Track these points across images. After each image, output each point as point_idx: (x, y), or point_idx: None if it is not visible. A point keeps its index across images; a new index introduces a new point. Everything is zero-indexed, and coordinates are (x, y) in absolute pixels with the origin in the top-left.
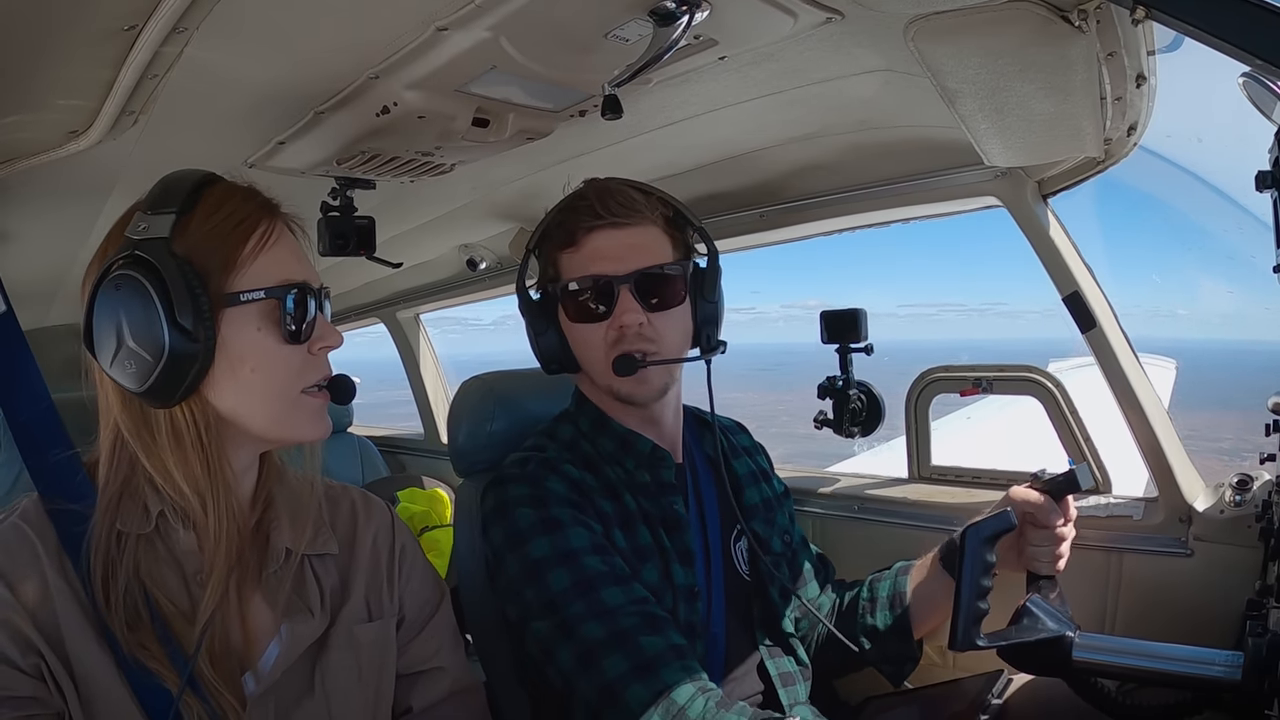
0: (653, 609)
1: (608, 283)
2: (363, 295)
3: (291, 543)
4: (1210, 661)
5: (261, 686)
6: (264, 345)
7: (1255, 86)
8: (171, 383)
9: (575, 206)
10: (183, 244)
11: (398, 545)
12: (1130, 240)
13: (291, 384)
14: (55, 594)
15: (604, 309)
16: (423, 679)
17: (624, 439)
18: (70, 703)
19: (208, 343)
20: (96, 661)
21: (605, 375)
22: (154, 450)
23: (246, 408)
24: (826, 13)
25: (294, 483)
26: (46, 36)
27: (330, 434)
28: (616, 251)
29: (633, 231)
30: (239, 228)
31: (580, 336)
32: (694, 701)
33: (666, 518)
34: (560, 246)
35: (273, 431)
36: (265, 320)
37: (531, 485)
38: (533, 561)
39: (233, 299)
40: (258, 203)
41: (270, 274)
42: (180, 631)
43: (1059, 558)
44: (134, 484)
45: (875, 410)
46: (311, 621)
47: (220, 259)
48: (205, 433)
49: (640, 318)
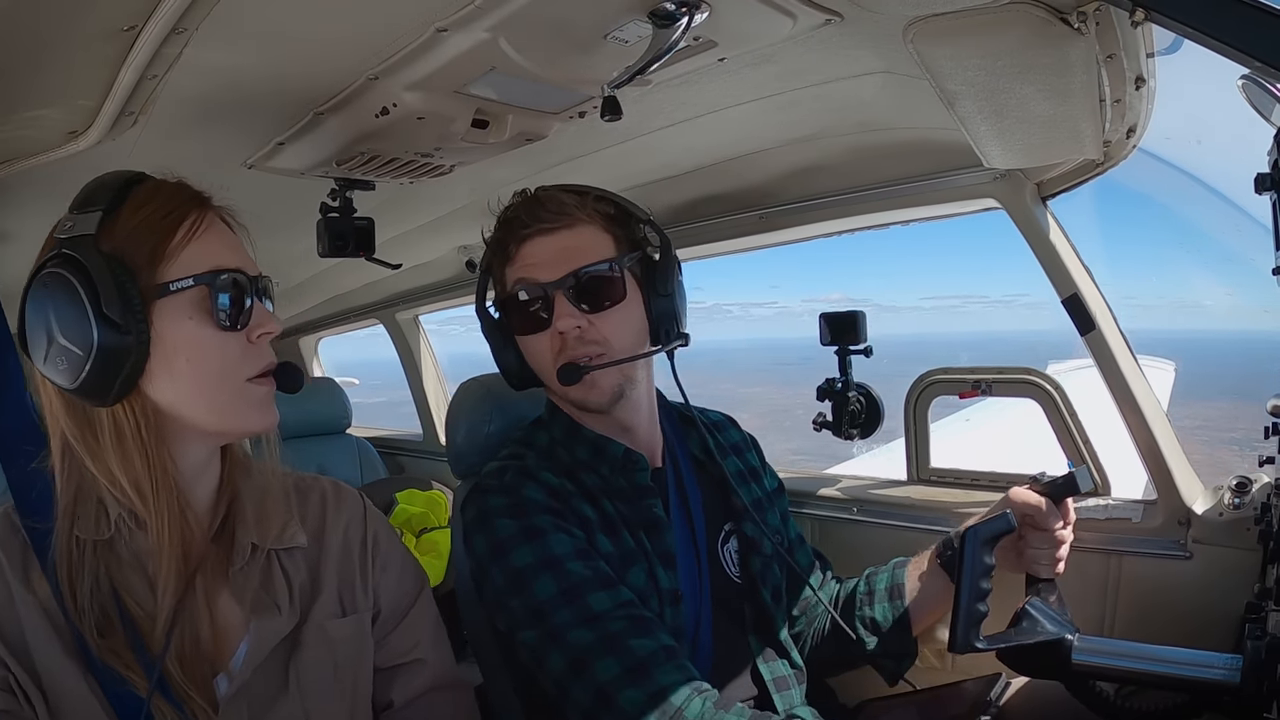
0: (640, 611)
1: (541, 289)
2: (362, 296)
3: (257, 538)
4: (1209, 664)
5: (234, 687)
6: (198, 334)
7: (1254, 89)
8: (105, 378)
9: (507, 219)
10: (110, 240)
11: (369, 536)
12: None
13: (231, 373)
14: (20, 605)
15: (545, 317)
16: (402, 672)
17: (595, 445)
18: (40, 713)
19: (140, 336)
20: (65, 672)
21: (555, 385)
22: (99, 453)
23: (186, 400)
24: (825, 14)
25: (259, 476)
26: (45, 37)
27: (276, 423)
28: (548, 257)
29: (564, 235)
30: (167, 219)
31: (529, 348)
32: (690, 702)
33: (646, 521)
34: (500, 262)
35: (216, 423)
36: (197, 309)
37: (509, 495)
38: (516, 571)
39: (162, 289)
40: (187, 195)
41: (200, 262)
42: (148, 634)
43: (1058, 560)
44: (86, 490)
45: (874, 412)
46: (279, 618)
47: (148, 251)
48: (145, 429)
49: (577, 321)
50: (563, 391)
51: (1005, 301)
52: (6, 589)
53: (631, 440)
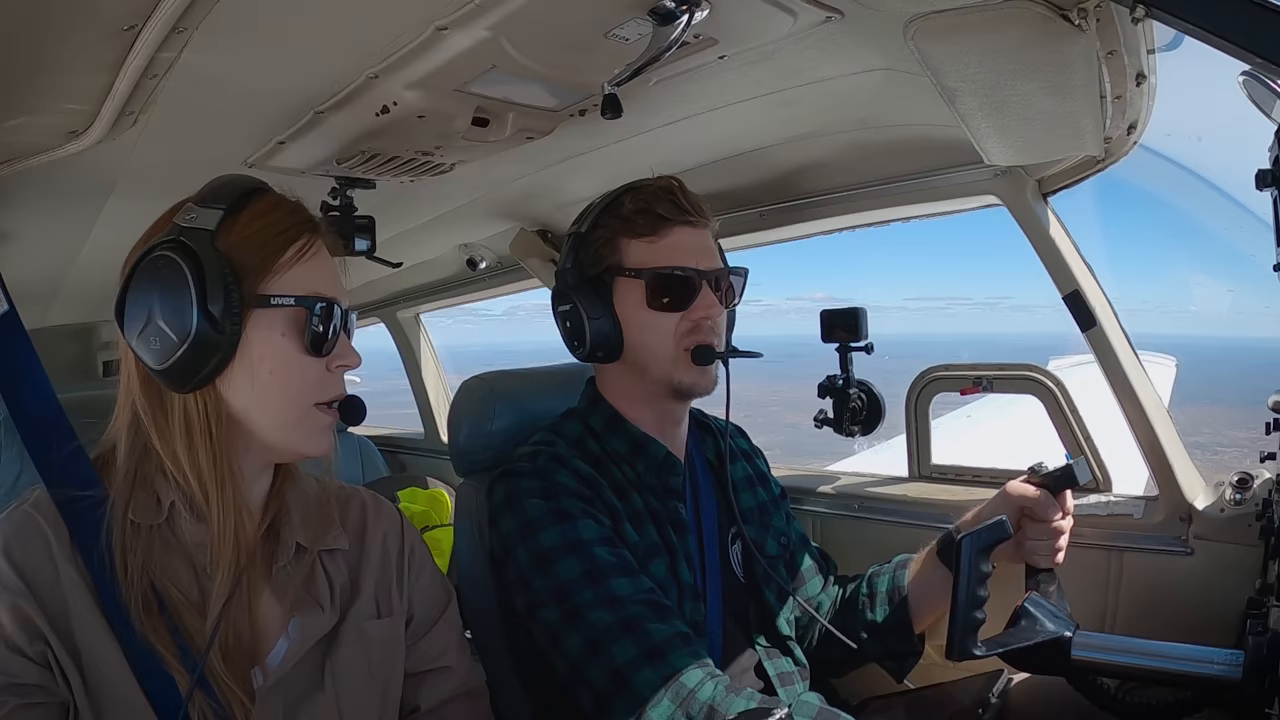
0: (659, 598)
1: (697, 276)
2: (363, 295)
3: (303, 538)
4: (1210, 660)
5: (270, 680)
6: (285, 351)
7: (1255, 85)
8: (190, 368)
9: (651, 200)
10: (225, 240)
11: (407, 546)
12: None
13: (304, 395)
14: (66, 584)
15: (684, 300)
16: (430, 678)
17: (637, 442)
18: (76, 692)
19: (232, 336)
20: (105, 652)
21: (670, 365)
22: (166, 433)
23: (257, 409)
24: (826, 11)
25: (305, 483)
26: (46, 37)
27: (331, 451)
28: (698, 248)
29: (704, 234)
30: (281, 235)
31: (650, 324)
32: (703, 685)
33: (673, 519)
34: (637, 234)
35: (278, 439)
36: (290, 327)
37: (542, 478)
38: (543, 550)
39: (263, 300)
40: (304, 216)
41: (303, 284)
42: (189, 623)
43: (1057, 551)
44: (146, 471)
45: (875, 409)
46: (322, 616)
47: (258, 261)
48: (215, 426)
49: (720, 311)
50: (675, 372)
51: (990, 304)
52: (54, 566)
53: (673, 438)
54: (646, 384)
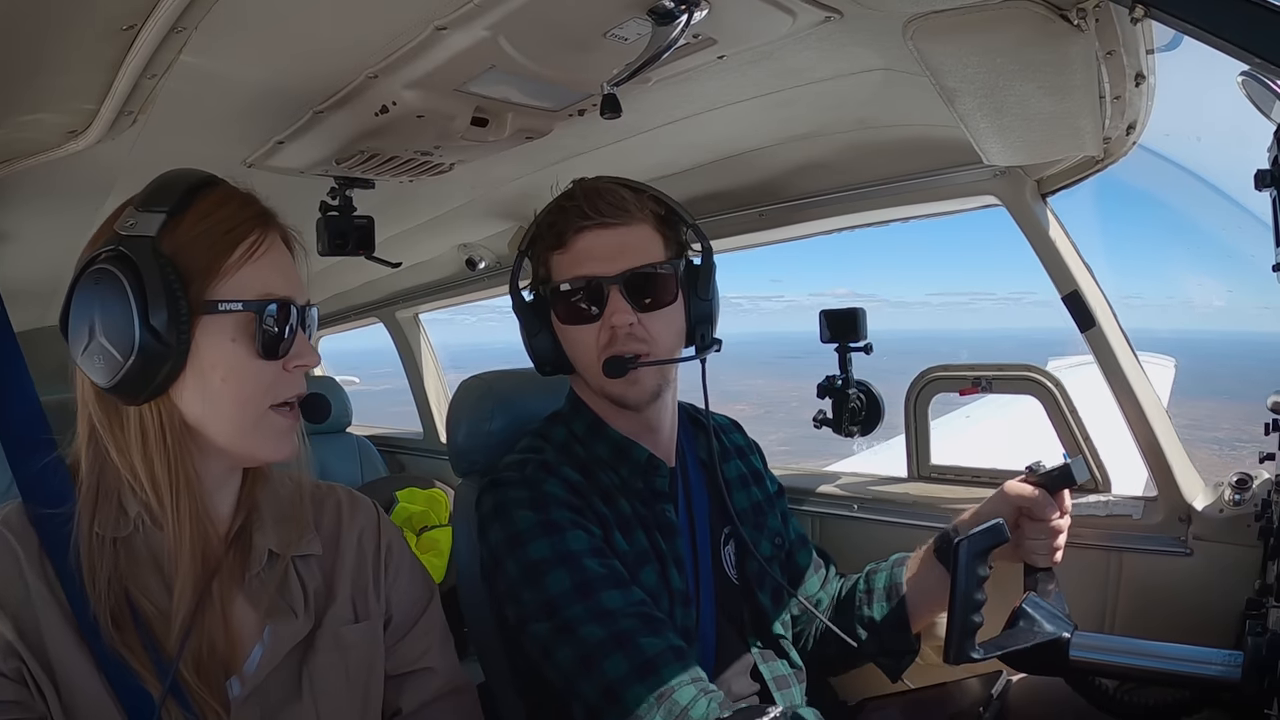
0: (651, 611)
1: (597, 283)
2: (362, 295)
3: (276, 545)
4: (1209, 661)
5: (246, 690)
6: (236, 356)
7: (1254, 85)
8: (138, 382)
9: (564, 207)
10: (170, 244)
11: (383, 544)
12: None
13: (259, 398)
14: (36, 599)
15: (595, 310)
16: (411, 680)
17: (619, 446)
18: (52, 707)
19: (180, 347)
20: (78, 666)
21: (597, 377)
22: (123, 445)
23: (212, 417)
24: (825, 12)
25: (279, 484)
26: (45, 37)
27: (294, 455)
28: (606, 251)
29: (622, 231)
30: (229, 234)
31: (572, 338)
32: (696, 702)
33: (660, 524)
34: (550, 248)
35: (235, 445)
36: (240, 332)
37: (530, 488)
38: (532, 563)
39: (211, 307)
40: (253, 211)
41: (252, 286)
42: (161, 634)
43: (1055, 550)
44: (109, 483)
45: (874, 409)
46: (295, 622)
47: (204, 264)
48: (170, 435)
49: (630, 318)
50: (601, 385)
51: (1013, 298)
52: (23, 582)
53: (654, 441)
54: (595, 395)
